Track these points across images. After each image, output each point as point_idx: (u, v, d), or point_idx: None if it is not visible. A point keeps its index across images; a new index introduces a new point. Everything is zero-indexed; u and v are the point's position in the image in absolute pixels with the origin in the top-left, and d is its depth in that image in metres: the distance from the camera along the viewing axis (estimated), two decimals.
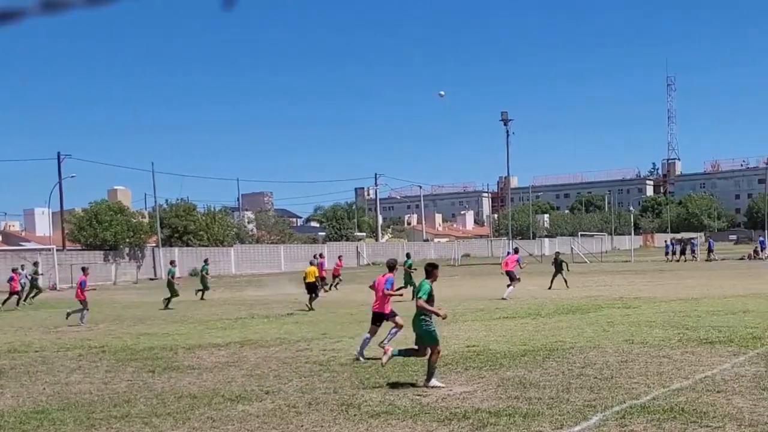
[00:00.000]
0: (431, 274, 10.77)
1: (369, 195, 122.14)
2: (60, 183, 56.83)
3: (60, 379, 12.09)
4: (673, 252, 63.16)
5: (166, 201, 65.25)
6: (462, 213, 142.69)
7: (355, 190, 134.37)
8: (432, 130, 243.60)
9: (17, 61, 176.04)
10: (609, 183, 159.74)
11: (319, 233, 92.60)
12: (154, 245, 59.22)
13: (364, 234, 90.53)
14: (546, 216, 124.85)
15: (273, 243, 72.95)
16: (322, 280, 30.84)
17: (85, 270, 23.87)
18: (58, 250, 51.30)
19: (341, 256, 44.87)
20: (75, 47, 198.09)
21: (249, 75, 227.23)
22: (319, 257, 32.67)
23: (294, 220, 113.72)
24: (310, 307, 24.38)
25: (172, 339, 17.27)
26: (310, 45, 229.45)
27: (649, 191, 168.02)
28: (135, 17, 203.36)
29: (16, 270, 32.05)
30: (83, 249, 55.38)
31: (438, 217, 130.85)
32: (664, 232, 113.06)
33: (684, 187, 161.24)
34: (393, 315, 13.25)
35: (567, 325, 17.02)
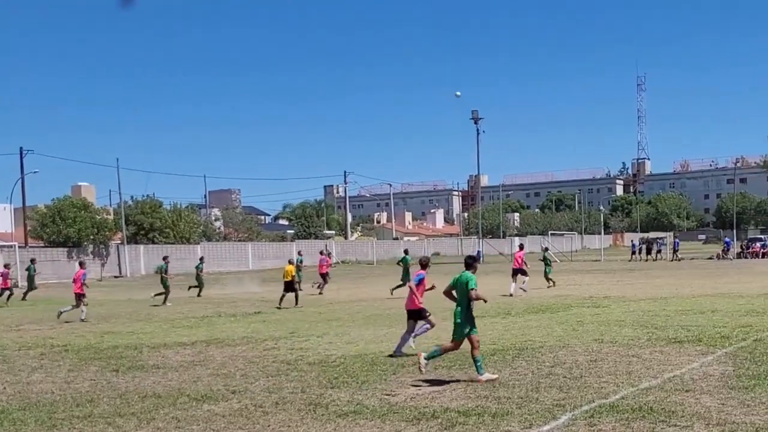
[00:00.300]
0: (472, 266, 10.79)
1: (338, 193, 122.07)
2: (22, 178, 56.03)
3: (21, 379, 11.82)
4: (639, 251, 63.90)
5: (131, 198, 64.76)
6: (432, 211, 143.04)
7: (325, 187, 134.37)
8: (402, 128, 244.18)
9: None
10: (579, 182, 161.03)
11: (288, 231, 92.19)
12: (119, 242, 58.57)
13: (333, 232, 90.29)
14: (516, 215, 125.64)
15: (241, 241, 72.50)
16: (322, 276, 31.92)
17: (83, 264, 23.90)
18: (20, 247, 50.50)
19: (331, 253, 44.19)
20: (38, 43, 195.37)
21: (216, 73, 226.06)
22: (327, 255, 33.07)
23: (262, 217, 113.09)
24: (279, 306, 24.28)
25: (136, 337, 17.02)
26: (277, 44, 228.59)
27: (619, 191, 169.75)
28: (99, 13, 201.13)
29: (8, 266, 32.05)
30: (46, 246, 54.57)
31: (408, 216, 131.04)
32: (634, 231, 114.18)
33: (654, 187, 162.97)
34: (426, 313, 13.11)
35: (537, 325, 17.04)
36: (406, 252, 30.70)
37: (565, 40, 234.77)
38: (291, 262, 26.81)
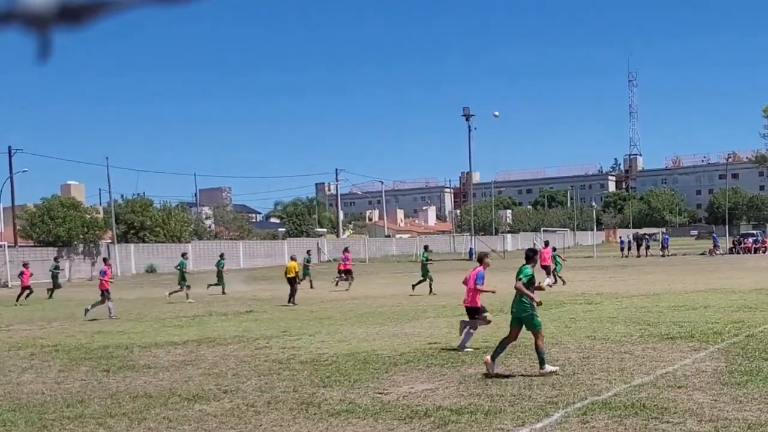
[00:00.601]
0: (532, 259, 10.91)
1: (330, 190, 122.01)
2: (11, 178, 55.72)
3: (11, 379, 11.74)
4: (629, 248, 63.97)
5: (121, 196, 64.43)
6: (424, 209, 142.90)
7: (316, 185, 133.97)
8: (394, 125, 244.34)
9: None
10: (571, 179, 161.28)
11: (279, 229, 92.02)
12: (109, 241, 58.27)
13: (324, 230, 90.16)
14: (509, 212, 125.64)
15: (232, 239, 72.29)
16: (347, 273, 31.79)
17: (107, 260, 23.96)
18: (9, 246, 50.19)
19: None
20: (25, 40, 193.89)
21: (207, 70, 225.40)
22: (346, 252, 33.18)
23: (253, 215, 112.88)
24: (293, 303, 24.27)
25: (127, 337, 16.92)
26: (268, 42, 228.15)
27: (612, 187, 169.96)
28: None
29: (27, 264, 32.10)
30: (36, 245, 54.27)
31: (400, 213, 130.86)
32: (626, 227, 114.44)
33: (646, 183, 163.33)
34: (483, 310, 13.15)
35: None
36: (426, 248, 29.59)
37: (557, 37, 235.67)
38: (293, 258, 26.83)
